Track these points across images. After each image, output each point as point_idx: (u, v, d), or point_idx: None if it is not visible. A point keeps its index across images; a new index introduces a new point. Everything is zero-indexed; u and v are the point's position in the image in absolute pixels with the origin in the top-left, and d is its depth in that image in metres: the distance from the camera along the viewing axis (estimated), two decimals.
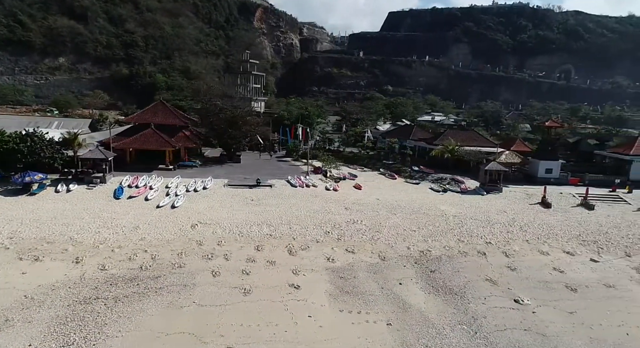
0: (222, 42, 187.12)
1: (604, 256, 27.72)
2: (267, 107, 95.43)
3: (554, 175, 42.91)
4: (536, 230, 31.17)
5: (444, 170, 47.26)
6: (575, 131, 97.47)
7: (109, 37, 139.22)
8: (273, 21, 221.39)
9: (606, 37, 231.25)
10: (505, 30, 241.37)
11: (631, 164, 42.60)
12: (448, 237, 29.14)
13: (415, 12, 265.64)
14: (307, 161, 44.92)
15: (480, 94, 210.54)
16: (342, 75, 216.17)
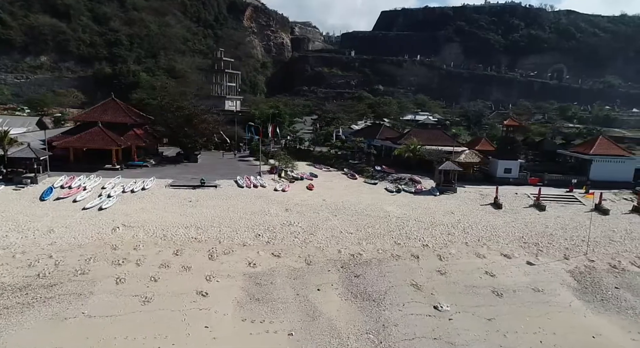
0: (210, 41, 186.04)
1: (542, 259, 26.78)
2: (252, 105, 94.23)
3: (513, 175, 42.00)
4: (479, 232, 30.22)
5: (407, 170, 46.34)
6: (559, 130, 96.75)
7: (92, 35, 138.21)
8: (263, 20, 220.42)
9: (598, 36, 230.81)
10: (498, 30, 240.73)
11: (591, 164, 41.74)
12: (385, 240, 28.17)
13: (408, 11, 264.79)
14: (260, 161, 43.92)
15: (471, 94, 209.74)
16: (332, 74, 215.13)
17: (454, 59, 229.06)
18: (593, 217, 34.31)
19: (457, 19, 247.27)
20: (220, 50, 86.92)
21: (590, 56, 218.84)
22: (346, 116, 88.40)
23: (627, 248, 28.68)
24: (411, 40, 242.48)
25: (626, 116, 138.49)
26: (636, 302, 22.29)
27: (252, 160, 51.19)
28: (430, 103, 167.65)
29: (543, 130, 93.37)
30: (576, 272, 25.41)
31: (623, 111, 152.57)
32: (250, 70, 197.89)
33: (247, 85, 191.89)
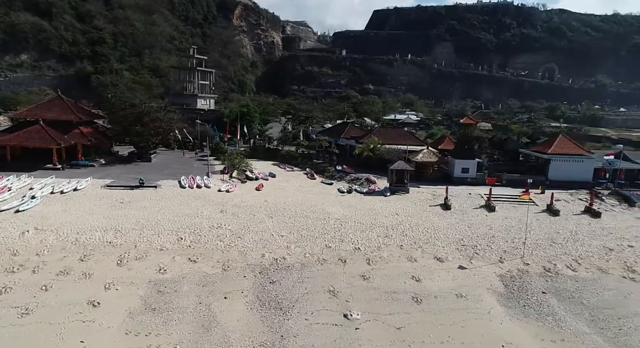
0: (198, 40, 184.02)
1: (475, 263, 25.66)
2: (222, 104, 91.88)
3: (471, 175, 40.85)
4: (418, 234, 29.09)
5: (367, 170, 45.23)
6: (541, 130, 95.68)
7: (75, 33, 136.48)
8: (253, 19, 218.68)
9: (590, 35, 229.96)
10: (489, 29, 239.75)
11: (549, 164, 40.63)
12: (316, 242, 27.01)
13: (401, 10, 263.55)
14: (207, 161, 42.63)
15: (462, 93, 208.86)
16: (322, 74, 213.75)
17: (445, 58, 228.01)
18: (542, 218, 33.47)
19: (449, 18, 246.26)
20: (192, 47, 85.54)
21: (582, 55, 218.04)
22: (323, 115, 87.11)
23: (567, 251, 27.59)
24: (403, 40, 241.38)
25: (613, 116, 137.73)
26: (559, 308, 21.22)
27: (212, 160, 49.97)
28: (419, 102, 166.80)
29: (525, 129, 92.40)
30: (507, 276, 24.32)
31: (611, 111, 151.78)
32: (238, 69, 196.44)
33: (235, 84, 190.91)
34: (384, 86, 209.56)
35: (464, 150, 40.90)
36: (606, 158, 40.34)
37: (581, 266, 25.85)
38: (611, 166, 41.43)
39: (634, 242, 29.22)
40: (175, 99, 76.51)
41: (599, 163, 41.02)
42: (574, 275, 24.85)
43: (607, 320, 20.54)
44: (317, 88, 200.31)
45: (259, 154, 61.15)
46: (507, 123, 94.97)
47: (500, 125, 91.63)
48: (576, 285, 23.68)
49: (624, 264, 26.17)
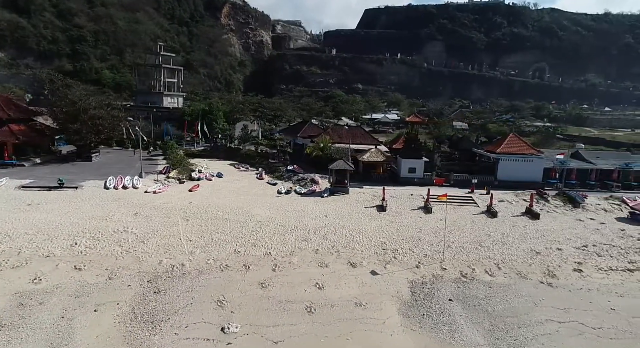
0: (184, 38, 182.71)
1: (390, 268, 24.23)
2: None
3: (418, 175, 39.44)
4: (340, 238, 27.66)
5: (319, 169, 43.82)
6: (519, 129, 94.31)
7: (54, 31, 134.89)
8: (242, 18, 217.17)
9: (581, 34, 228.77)
10: (480, 28, 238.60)
11: (498, 163, 39.25)
12: (225, 247, 25.54)
13: (391, 9, 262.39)
14: (139, 160, 41.00)
15: (452, 92, 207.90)
16: (311, 73, 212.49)
17: (436, 58, 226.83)
18: (479, 220, 32.10)
19: (440, 17, 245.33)
20: (159, 44, 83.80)
21: (573, 54, 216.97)
22: (298, 114, 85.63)
23: (492, 254, 26.16)
24: (394, 39, 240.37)
25: (599, 115, 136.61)
26: (460, 316, 19.80)
27: (161, 159, 48.58)
28: (406, 102, 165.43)
29: (503, 129, 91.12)
30: (418, 283, 22.88)
31: (597, 110, 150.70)
32: (225, 68, 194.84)
33: (221, 83, 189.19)
34: (373, 85, 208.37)
35: (411, 149, 39.48)
36: (557, 157, 39.01)
37: (500, 271, 24.45)
38: (563, 165, 40.06)
39: (564, 244, 27.82)
40: (141, 98, 75.17)
41: (550, 163, 39.64)
42: (490, 281, 23.43)
43: (506, 329, 19.13)
44: (305, 87, 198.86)
45: (220, 153, 59.97)
46: (485, 122, 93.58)
47: (475, 124, 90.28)
48: (488, 292, 22.26)
49: (546, 268, 24.75)
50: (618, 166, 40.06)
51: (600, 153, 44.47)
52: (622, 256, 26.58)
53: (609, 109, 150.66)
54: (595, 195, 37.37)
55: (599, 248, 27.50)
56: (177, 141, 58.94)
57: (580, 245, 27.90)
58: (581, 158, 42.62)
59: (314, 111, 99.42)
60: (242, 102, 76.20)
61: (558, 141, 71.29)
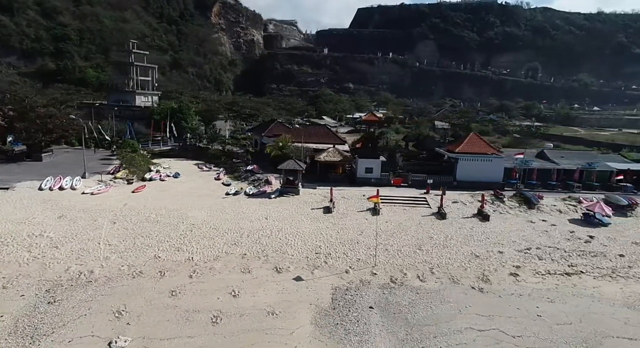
0: (172, 37, 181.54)
1: (317, 273, 23.04)
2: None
3: (375, 175, 38.31)
4: (273, 241, 26.48)
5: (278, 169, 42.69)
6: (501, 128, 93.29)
7: (38, 30, 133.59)
8: (232, 17, 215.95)
9: (573, 34, 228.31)
10: (473, 27, 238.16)
11: (457, 163, 38.13)
12: (147, 252, 24.26)
13: (384, 8, 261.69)
14: (84, 161, 39.64)
15: (444, 92, 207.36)
16: (302, 72, 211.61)
17: (428, 57, 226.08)
18: (426, 222, 30.99)
19: (433, 17, 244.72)
20: (132, 42, 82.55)
21: (565, 54, 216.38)
22: (278, 113, 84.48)
23: (428, 258, 25.01)
24: (386, 38, 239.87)
25: (587, 115, 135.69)
26: (376, 326, 18.63)
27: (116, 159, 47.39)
28: (396, 101, 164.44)
29: (485, 128, 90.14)
30: (342, 289, 21.73)
31: (586, 110, 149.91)
32: (215, 67, 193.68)
33: (211, 83, 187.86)
34: (364, 84, 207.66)
35: (368, 149, 38.36)
36: (516, 157, 37.91)
37: (433, 276, 23.32)
38: (526, 165, 38.98)
39: (507, 247, 26.71)
40: (114, 96, 74.00)
41: (512, 163, 38.53)
42: (419, 286, 22.31)
43: (421, 339, 17.99)
44: (295, 87, 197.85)
45: (189, 153, 58.91)
46: (467, 122, 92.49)
47: (456, 124, 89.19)
48: (413, 298, 21.12)
49: (481, 273, 23.65)
50: (581, 166, 38.97)
51: (565, 152, 43.37)
52: (564, 259, 25.48)
53: (597, 108, 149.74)
54: (555, 196, 36.29)
55: (542, 251, 26.39)
56: (144, 140, 57.91)
57: (524, 248, 26.78)
58: (545, 157, 41.53)
59: (295, 110, 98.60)
60: (217, 101, 75.05)
61: (534, 140, 70.16)
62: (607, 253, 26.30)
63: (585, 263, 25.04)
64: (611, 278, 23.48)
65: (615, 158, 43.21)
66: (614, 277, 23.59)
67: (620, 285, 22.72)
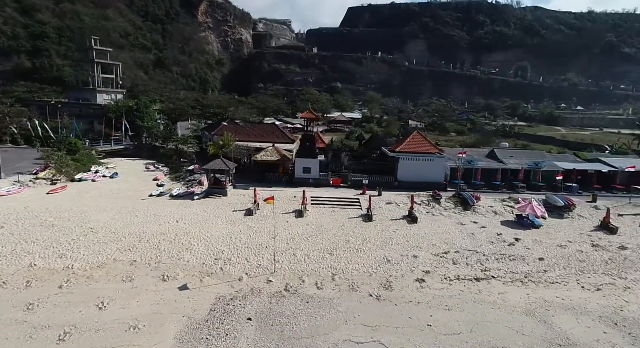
0: (156, 36, 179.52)
1: (208, 281, 21.34)
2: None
3: (313, 175, 36.77)
4: (173, 246, 24.72)
5: None
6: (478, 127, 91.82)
7: (15, 27, 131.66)
8: (220, 15, 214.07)
9: (563, 33, 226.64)
10: (463, 26, 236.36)
11: (398, 163, 36.61)
12: (24, 260, 22.04)
13: (374, 7, 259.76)
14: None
15: (432, 91, 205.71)
16: (289, 71, 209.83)
17: (418, 56, 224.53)
18: (351, 224, 29.47)
19: (423, 16, 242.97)
20: (93, 38, 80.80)
21: (555, 53, 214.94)
22: (250, 111, 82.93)
23: (335, 263, 23.41)
24: (376, 37, 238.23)
25: (569, 114, 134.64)
26: (246, 339, 17.04)
27: None
28: (381, 101, 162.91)
29: (460, 127, 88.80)
30: (227, 298, 20.11)
31: (569, 109, 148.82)
32: (201, 66, 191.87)
33: (196, 82, 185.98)
34: (352, 84, 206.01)
35: (306, 148, 36.79)
36: (458, 156, 36.40)
37: (333, 283, 21.75)
38: (471, 164, 37.47)
39: (424, 251, 25.16)
40: (73, 94, 72.35)
41: (455, 163, 37.03)
42: (313, 294, 20.74)
43: None
44: (283, 86, 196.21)
45: (144, 152, 57.44)
46: (440, 121, 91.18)
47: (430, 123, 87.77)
48: (300, 308, 19.51)
49: (386, 279, 22.09)
50: (527, 165, 37.47)
51: (515, 152, 41.81)
52: (480, 263, 23.96)
53: (581, 108, 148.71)
54: (497, 196, 34.80)
55: (460, 255, 24.88)
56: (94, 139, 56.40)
57: (442, 252, 25.28)
58: (494, 157, 40.03)
59: (270, 108, 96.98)
60: (183, 100, 73.37)
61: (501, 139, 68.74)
62: (527, 257, 24.82)
63: (500, 268, 23.55)
64: (521, 284, 21.99)
65: (568, 158, 41.74)
66: (525, 282, 22.10)
67: (528, 291, 21.24)
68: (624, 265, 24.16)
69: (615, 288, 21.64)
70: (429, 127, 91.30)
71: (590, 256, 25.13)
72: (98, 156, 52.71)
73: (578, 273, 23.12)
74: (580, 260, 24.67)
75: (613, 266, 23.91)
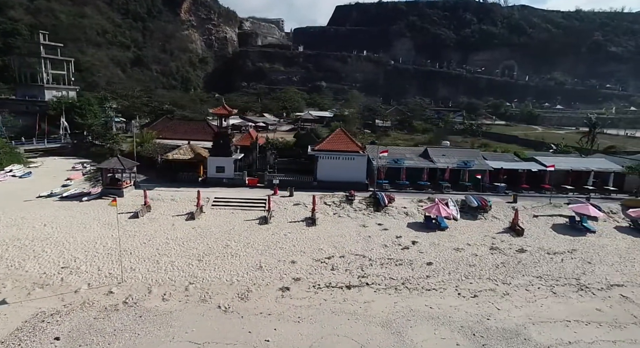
0: (136, 33, 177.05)
1: (37, 293, 18.88)
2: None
3: (227, 174, 34.59)
4: (19, 253, 22.26)
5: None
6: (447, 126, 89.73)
7: None
8: (204, 13, 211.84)
9: (550, 32, 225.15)
10: (450, 25, 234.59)
11: (317, 162, 34.46)
12: None
13: (362, 5, 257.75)
14: None
15: (417, 90, 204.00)
16: (273, 70, 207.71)
17: (405, 55, 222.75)
18: (242, 227, 27.27)
19: (410, 14, 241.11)
20: (41, 33, 78.41)
21: (542, 52, 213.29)
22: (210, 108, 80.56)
23: (197, 272, 21.10)
24: (363, 36, 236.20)
25: (549, 113, 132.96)
26: None
27: None
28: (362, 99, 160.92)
29: (426, 126, 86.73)
30: (46, 314, 17.51)
31: (551, 109, 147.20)
32: (183, 65, 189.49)
33: (177, 80, 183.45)
34: (337, 83, 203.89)
35: (219, 146, 34.62)
36: (380, 155, 34.28)
37: (183, 293, 19.47)
38: (397, 164, 35.34)
39: (306, 256, 22.84)
40: (21, 91, 70.09)
41: (377, 162, 34.88)
42: (153, 307, 18.44)
43: None
44: (267, 85, 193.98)
45: (82, 150, 55.32)
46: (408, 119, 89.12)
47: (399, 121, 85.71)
48: (127, 323, 17.14)
49: (247, 288, 19.77)
50: (456, 165, 35.35)
51: (448, 150, 39.60)
52: (361, 269, 21.80)
53: (561, 107, 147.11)
54: (418, 197, 32.68)
55: (344, 260, 22.72)
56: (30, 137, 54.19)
57: (325, 256, 23.11)
58: (427, 156, 37.90)
59: (237, 107, 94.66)
60: (138, 97, 71.16)
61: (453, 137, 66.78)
62: (416, 261, 22.69)
63: (380, 274, 21.41)
64: (395, 291, 19.87)
65: (505, 157, 39.65)
66: (400, 289, 19.98)
67: (398, 299, 19.12)
68: (515, 269, 22.08)
69: (493, 295, 19.58)
70: (398, 126, 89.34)
71: (483, 260, 23.04)
72: (33, 154, 50.72)
73: (462, 279, 21.03)
74: (471, 264, 22.58)
75: (502, 271, 21.84)
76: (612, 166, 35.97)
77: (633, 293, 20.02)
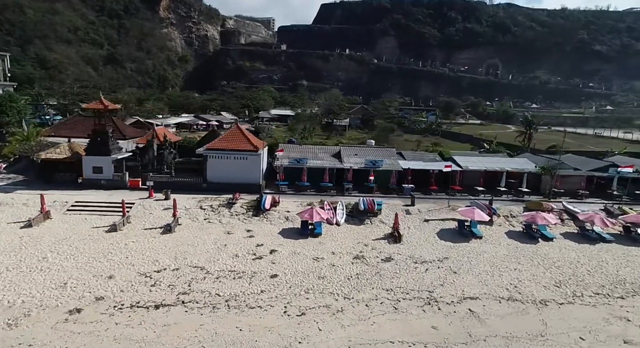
0: (110, 31, 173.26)
1: None
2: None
3: (106, 175, 31.40)
4: None
5: None
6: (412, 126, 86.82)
7: None
8: (183, 11, 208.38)
9: (535, 30, 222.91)
10: (434, 24, 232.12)
11: (206, 161, 31.27)
12: None
13: (347, 4, 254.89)
14: None
15: (400, 89, 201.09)
16: (254, 69, 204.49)
17: (389, 54, 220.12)
18: (91, 234, 23.97)
19: (395, 12, 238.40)
20: None
21: (526, 50, 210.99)
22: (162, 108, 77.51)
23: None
24: (347, 34, 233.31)
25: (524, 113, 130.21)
26: None
27: None
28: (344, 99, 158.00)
29: (389, 125, 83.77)
30: None
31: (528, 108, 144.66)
32: (160, 63, 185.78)
33: (153, 79, 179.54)
34: (319, 81, 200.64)
35: (96, 144, 31.39)
36: (276, 154, 31.10)
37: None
38: (299, 163, 32.22)
39: (123, 269, 19.62)
40: None
41: (275, 162, 31.73)
42: None
43: None
44: (247, 84, 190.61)
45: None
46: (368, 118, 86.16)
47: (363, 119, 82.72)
48: None
49: (26, 311, 16.57)
50: (363, 165, 32.23)
51: (362, 150, 36.31)
52: (187, 285, 18.26)
53: (535, 106, 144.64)
54: (316, 199, 29.53)
55: (177, 273, 19.17)
56: None
57: (155, 270, 19.76)
58: (338, 156, 34.74)
59: (194, 105, 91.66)
60: (77, 94, 67.79)
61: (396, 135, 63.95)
62: (260, 274, 19.50)
63: (207, 290, 18.16)
64: (212, 309, 16.73)
65: (428, 156, 36.55)
66: (218, 308, 16.81)
67: (208, 320, 15.88)
68: (368, 281, 18.92)
69: (325, 312, 16.45)
70: (360, 124, 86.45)
71: (338, 271, 19.87)
72: None
73: (300, 294, 17.87)
74: (321, 276, 19.41)
75: (352, 283, 18.68)
76: (528, 166, 32.96)
77: (484, 307, 16.94)
